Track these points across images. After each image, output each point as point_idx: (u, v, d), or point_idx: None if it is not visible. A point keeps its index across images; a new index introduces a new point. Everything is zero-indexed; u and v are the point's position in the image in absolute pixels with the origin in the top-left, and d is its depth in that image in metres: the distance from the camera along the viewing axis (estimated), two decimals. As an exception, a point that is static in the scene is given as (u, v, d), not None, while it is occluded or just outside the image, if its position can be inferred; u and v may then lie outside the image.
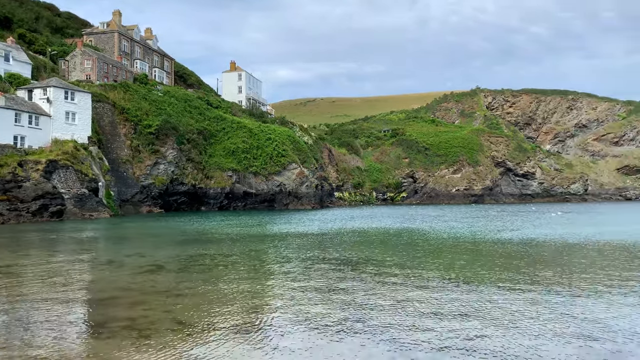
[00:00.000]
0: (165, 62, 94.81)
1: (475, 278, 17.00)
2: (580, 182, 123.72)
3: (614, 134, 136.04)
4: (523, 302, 13.42)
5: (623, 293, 14.65)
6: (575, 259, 22.00)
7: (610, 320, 11.68)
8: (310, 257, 22.57)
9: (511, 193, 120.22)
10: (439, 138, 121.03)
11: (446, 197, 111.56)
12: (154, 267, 19.86)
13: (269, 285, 16.22)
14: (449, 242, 29.21)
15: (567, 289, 15.12)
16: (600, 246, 26.41)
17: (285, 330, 11.07)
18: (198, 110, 79.16)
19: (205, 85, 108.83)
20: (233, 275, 17.82)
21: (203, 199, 74.88)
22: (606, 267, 19.26)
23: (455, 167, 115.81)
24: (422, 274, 17.75)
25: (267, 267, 19.93)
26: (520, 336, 10.53)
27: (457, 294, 14.45)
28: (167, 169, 69.91)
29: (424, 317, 11.98)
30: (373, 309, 12.74)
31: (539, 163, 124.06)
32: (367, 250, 25.26)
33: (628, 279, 16.83)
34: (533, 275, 17.53)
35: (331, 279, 17.03)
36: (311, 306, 13.11)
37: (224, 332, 10.85)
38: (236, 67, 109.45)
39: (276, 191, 77.36)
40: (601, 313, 12.33)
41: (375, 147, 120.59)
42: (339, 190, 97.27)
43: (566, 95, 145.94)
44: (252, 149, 77.45)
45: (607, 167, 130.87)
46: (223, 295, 14.42)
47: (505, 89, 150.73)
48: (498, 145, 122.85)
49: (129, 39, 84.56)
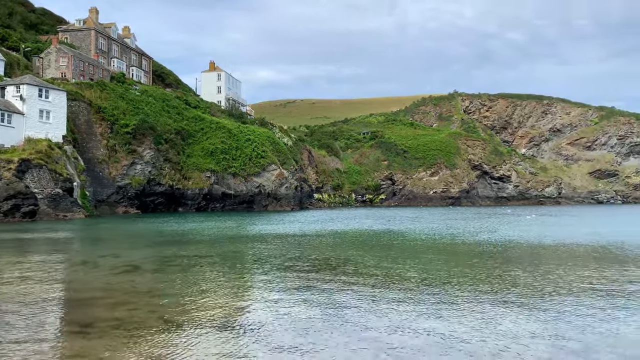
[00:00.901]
0: (144, 61, 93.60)
1: (451, 278, 17.26)
2: (554, 185, 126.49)
3: (586, 139, 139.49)
4: (496, 302, 13.68)
5: (592, 293, 15.06)
6: (548, 259, 22.52)
7: (580, 319, 12.00)
8: (289, 258, 22.58)
9: (487, 196, 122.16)
10: (418, 141, 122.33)
11: (424, 199, 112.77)
12: (130, 267, 19.64)
13: (250, 285, 16.19)
14: (427, 243, 29.56)
15: (538, 289, 15.47)
16: (572, 248, 27.06)
17: (270, 329, 11.16)
18: (176, 110, 78.36)
19: (184, 85, 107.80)
20: (213, 276, 17.73)
21: (180, 200, 74.12)
22: (577, 268, 19.76)
23: (433, 169, 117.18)
24: (400, 275, 17.94)
25: (246, 268, 19.88)
26: (494, 334, 10.75)
27: (434, 294, 14.65)
28: (144, 169, 69.00)
29: (402, 316, 12.13)
30: (353, 309, 12.84)
31: (514, 166, 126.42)
32: (346, 251, 25.39)
33: (598, 279, 17.30)
34: (506, 275, 17.88)
35: (311, 279, 17.09)
36: (292, 306, 13.17)
37: (212, 331, 10.93)
38: (215, 67, 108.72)
39: (255, 192, 77.06)
40: (570, 312, 12.65)
41: (354, 149, 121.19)
42: (319, 192, 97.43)
43: (541, 100, 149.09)
44: (231, 150, 76.99)
45: (580, 171, 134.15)
46: (205, 296, 14.36)
47: (482, 93, 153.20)
48: (475, 149, 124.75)
49: (106, 37, 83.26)
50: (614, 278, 17.45)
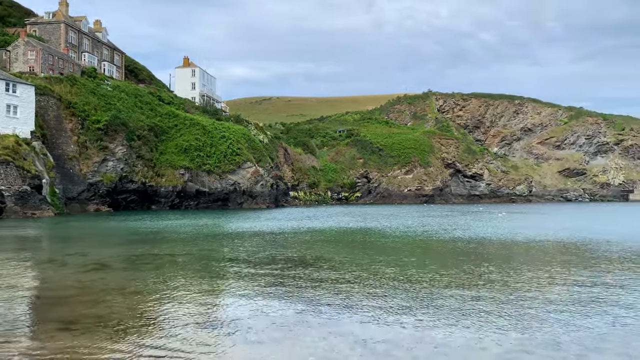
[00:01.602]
0: (116, 55, 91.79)
1: (424, 274, 17.52)
2: (525, 183, 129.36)
3: (556, 138, 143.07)
4: (468, 297, 13.96)
5: (560, 287, 15.50)
6: (516, 255, 23.07)
7: (549, 313, 12.35)
8: (264, 256, 22.55)
9: (460, 193, 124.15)
10: (393, 139, 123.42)
11: (398, 197, 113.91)
12: (98, 265, 19.33)
13: (225, 283, 16.12)
14: (403, 240, 29.90)
15: (508, 285, 15.84)
16: (540, 244, 27.77)
17: (246, 324, 11.24)
18: (149, 106, 77.12)
19: (157, 80, 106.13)
20: (188, 274, 17.57)
21: (154, 198, 73.05)
22: (545, 263, 20.29)
23: (408, 167, 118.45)
24: (374, 272, 18.12)
25: (221, 266, 19.77)
26: (465, 328, 10.97)
27: (407, 290, 14.86)
28: (116, 166, 67.75)
29: (376, 312, 12.27)
30: (327, 305, 12.93)
31: (486, 165, 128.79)
32: (322, 249, 25.48)
33: (564, 273, 17.81)
34: (478, 271, 18.25)
35: (285, 277, 17.11)
36: (267, 302, 13.20)
37: (190, 327, 11.01)
38: (190, 63, 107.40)
39: (230, 190, 76.50)
40: (539, 306, 13.01)
41: (330, 147, 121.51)
42: (295, 190, 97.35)
43: (513, 100, 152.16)
44: (205, 147, 76.21)
45: (549, 170, 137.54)
46: (180, 293, 14.24)
47: (456, 93, 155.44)
48: (448, 147, 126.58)
49: (77, 31, 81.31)
50: (581, 273, 17.98)
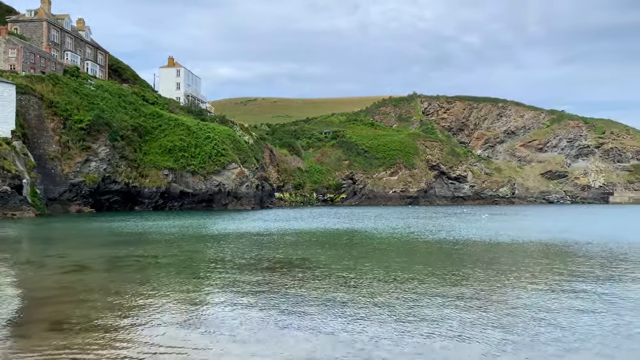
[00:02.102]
0: (99, 54, 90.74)
1: (408, 275, 17.65)
2: (508, 185, 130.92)
3: (538, 141, 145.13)
4: (451, 296, 14.11)
5: (541, 286, 15.74)
6: (499, 257, 23.36)
7: (529, 313, 12.54)
8: (250, 257, 22.50)
9: (444, 195, 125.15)
10: (378, 141, 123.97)
11: (383, 198, 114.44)
12: (78, 267, 19.10)
13: (208, 284, 16.04)
14: (388, 241, 30.05)
15: (490, 285, 16.04)
16: (523, 246, 28.15)
17: (230, 324, 11.26)
18: (133, 106, 76.37)
19: (141, 80, 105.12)
20: (171, 275, 17.45)
21: (137, 199, 72.32)
22: (527, 264, 20.58)
23: (393, 169, 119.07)
24: (359, 272, 18.19)
25: (205, 267, 19.67)
26: (447, 329, 11.09)
27: (391, 290, 14.95)
28: (99, 167, 66.94)
29: (360, 312, 12.33)
30: (311, 305, 12.96)
31: (470, 167, 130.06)
32: (307, 251, 25.50)
33: (545, 274, 18.09)
34: (461, 271, 18.43)
35: (270, 278, 17.10)
36: (252, 303, 13.18)
37: (174, 327, 11.02)
38: (174, 63, 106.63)
39: (215, 191, 76.07)
40: (520, 306, 13.20)
41: (316, 148, 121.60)
42: (280, 191, 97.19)
43: (496, 103, 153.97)
44: (190, 148, 75.68)
45: (532, 172, 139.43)
46: (163, 295, 14.15)
47: (441, 96, 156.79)
48: (433, 150, 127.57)
49: (59, 29, 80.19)
50: (561, 274, 18.27)
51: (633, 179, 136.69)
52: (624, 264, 20.85)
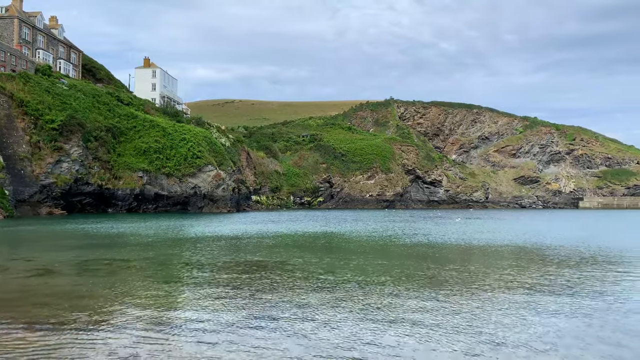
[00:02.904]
0: (72, 53, 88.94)
1: (384, 278, 17.76)
2: (481, 190, 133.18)
3: (512, 147, 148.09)
4: (425, 298, 14.26)
5: (513, 289, 16.04)
6: (473, 259, 23.72)
7: (500, 315, 12.77)
8: (223, 261, 22.32)
9: (420, 199, 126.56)
10: (355, 145, 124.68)
11: (360, 202, 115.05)
12: (43, 270, 18.66)
13: (180, 287, 15.85)
14: (365, 244, 30.19)
15: (464, 287, 16.28)
16: (495, 248, 28.64)
17: (197, 326, 11.16)
18: (107, 106, 75.08)
19: (116, 80, 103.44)
20: (143, 279, 17.17)
21: (110, 201, 71.03)
22: (499, 267, 20.95)
23: (369, 173, 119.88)
24: (335, 275, 18.23)
25: (178, 270, 19.43)
26: (419, 331, 11.20)
27: (365, 293, 15.03)
28: (71, 168, 65.53)
29: (333, 316, 12.35)
30: (285, 309, 12.93)
31: (445, 172, 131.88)
32: (283, 254, 25.43)
33: (517, 276, 18.44)
34: (435, 274, 18.65)
35: (245, 281, 16.99)
36: (224, 306, 13.07)
37: (142, 331, 10.88)
38: (150, 64, 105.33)
39: (190, 193, 75.25)
40: (491, 308, 13.43)
41: (293, 151, 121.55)
42: (257, 194, 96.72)
43: (471, 109, 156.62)
44: (165, 149, 74.73)
45: (505, 177, 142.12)
46: (132, 298, 13.90)
47: (417, 101, 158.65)
48: (409, 154, 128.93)
49: (31, 27, 78.33)
50: (532, 276, 18.65)
51: (602, 185, 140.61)
52: (593, 267, 21.41)
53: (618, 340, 10.85)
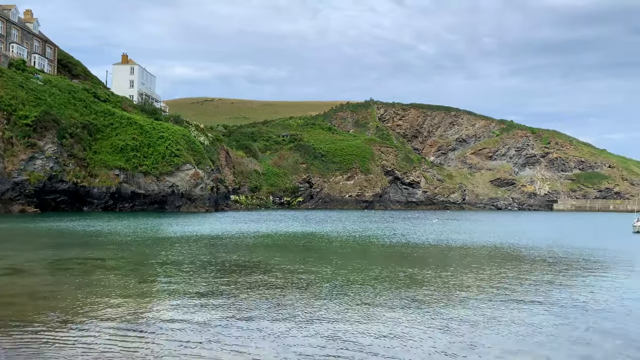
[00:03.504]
0: (48, 48, 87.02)
1: (362, 277, 17.85)
2: (458, 192, 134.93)
3: (488, 149, 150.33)
4: (401, 299, 14.38)
5: (488, 289, 16.31)
6: (450, 259, 24.02)
7: (474, 316, 12.97)
8: (200, 261, 22.13)
9: (398, 200, 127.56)
10: (335, 145, 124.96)
11: (340, 202, 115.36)
12: (11, 270, 18.22)
13: (155, 287, 15.66)
14: (344, 244, 30.27)
15: (440, 286, 16.48)
16: (471, 249, 29.05)
17: (170, 327, 11.01)
18: (84, 103, 73.66)
19: (92, 76, 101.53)
20: (117, 279, 16.91)
21: (86, 199, 69.71)
22: (474, 267, 21.26)
23: (349, 174, 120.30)
24: (312, 275, 18.24)
25: (154, 270, 19.19)
26: (392, 332, 11.30)
27: (342, 294, 15.09)
28: (45, 165, 64.09)
29: (308, 316, 12.37)
30: (260, 310, 12.90)
31: (423, 173, 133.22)
32: (261, 254, 25.34)
33: (492, 276, 18.75)
34: (412, 274, 18.82)
35: (221, 281, 16.88)
36: (198, 306, 12.96)
37: (113, 331, 10.72)
38: (128, 60, 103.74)
39: (168, 192, 74.36)
40: (465, 308, 13.63)
41: (273, 151, 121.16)
42: (236, 193, 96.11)
43: (449, 111, 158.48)
44: (142, 147, 73.67)
45: (482, 179, 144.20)
46: (102, 299, 13.67)
47: (396, 103, 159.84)
48: (388, 155, 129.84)
49: (5, 20, 76.37)
50: (507, 276, 18.98)
51: (575, 188, 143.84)
52: (565, 268, 21.90)
53: (589, 340, 11.13)
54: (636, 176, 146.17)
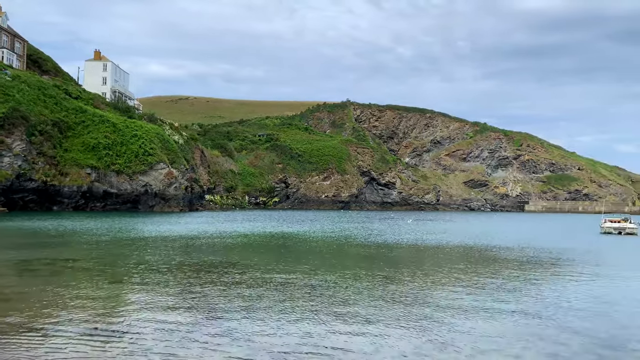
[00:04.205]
0: (17, 43, 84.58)
1: (337, 279, 17.87)
2: (433, 192, 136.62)
3: (462, 151, 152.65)
4: (375, 298, 14.45)
5: (460, 288, 16.53)
6: (424, 259, 24.27)
7: (446, 316, 13.13)
8: (173, 261, 21.82)
9: (374, 201, 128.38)
10: (312, 146, 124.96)
11: (316, 202, 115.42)
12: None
13: (125, 289, 15.35)
14: (320, 244, 30.26)
15: (414, 285, 16.62)
16: (445, 248, 29.42)
17: (138, 332, 10.78)
18: (54, 99, 71.85)
19: (64, 73, 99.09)
20: (87, 280, 16.52)
21: (56, 198, 67.98)
22: (448, 266, 21.53)
23: (325, 174, 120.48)
24: (287, 276, 18.17)
25: (126, 271, 18.82)
26: (368, 329, 11.34)
27: (315, 295, 15.07)
28: (13, 163, 62.26)
29: (280, 318, 12.31)
30: (230, 312, 12.78)
31: (399, 174, 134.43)
32: (239, 254, 25.13)
33: (465, 276, 19.02)
34: (387, 273, 18.94)
35: (191, 284, 16.67)
36: (168, 309, 12.77)
37: (75, 335, 10.36)
38: (101, 57, 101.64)
39: (141, 192, 73.12)
40: (441, 306, 13.79)
41: (249, 151, 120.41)
42: (210, 193, 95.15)
43: (424, 113, 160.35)
44: (115, 145, 72.27)
45: (455, 180, 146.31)
46: (69, 301, 13.32)
47: (373, 104, 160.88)
48: (364, 156, 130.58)
49: (-29, 12, 73.87)
50: (478, 276, 19.27)
51: (546, 189, 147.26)
52: (535, 268, 22.37)
53: (558, 339, 11.38)
54: (604, 178, 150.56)
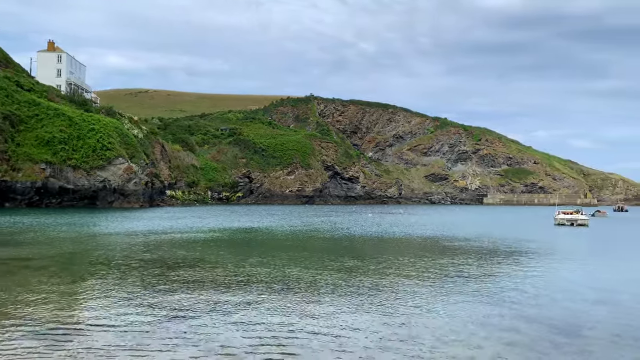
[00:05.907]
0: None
1: (301, 272, 17.89)
2: (395, 186, 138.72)
3: (423, 145, 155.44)
4: (340, 292, 14.56)
5: (421, 281, 16.87)
6: (386, 250, 24.63)
7: (409, 307, 13.38)
8: (133, 259, 21.33)
9: (338, 195, 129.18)
10: (276, 140, 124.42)
11: (280, 197, 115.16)
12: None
13: (82, 290, 14.90)
14: (285, 238, 30.20)
15: (377, 279, 16.86)
16: (407, 240, 29.95)
17: (95, 331, 10.51)
18: (5, 92, 68.71)
19: (15, 64, 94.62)
20: (41, 279, 15.92)
21: (8, 194, 65.12)
22: (408, 259, 21.93)
23: (290, 169, 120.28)
24: (250, 271, 18.06)
25: (82, 269, 18.26)
26: (332, 322, 11.43)
27: (279, 291, 15.05)
28: (-40, 158, 59.21)
29: (244, 315, 12.25)
30: (193, 310, 12.62)
31: (362, 168, 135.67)
32: (198, 251, 24.79)
33: (426, 266, 19.42)
34: (352, 265, 19.11)
35: (152, 282, 16.35)
36: (129, 307, 12.48)
37: (33, 337, 9.99)
38: (55, 48, 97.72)
39: (99, 187, 71.00)
40: (403, 297, 14.04)
41: (212, 145, 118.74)
42: (172, 189, 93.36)
43: (387, 108, 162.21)
44: (71, 140, 69.82)
45: (417, 174, 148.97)
46: (29, 300, 12.82)
47: (336, 99, 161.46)
48: (328, 151, 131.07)
49: None
50: (439, 267, 19.71)
51: (503, 182, 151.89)
52: (494, 257, 23.06)
53: (516, 327, 11.79)
54: (558, 172, 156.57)
